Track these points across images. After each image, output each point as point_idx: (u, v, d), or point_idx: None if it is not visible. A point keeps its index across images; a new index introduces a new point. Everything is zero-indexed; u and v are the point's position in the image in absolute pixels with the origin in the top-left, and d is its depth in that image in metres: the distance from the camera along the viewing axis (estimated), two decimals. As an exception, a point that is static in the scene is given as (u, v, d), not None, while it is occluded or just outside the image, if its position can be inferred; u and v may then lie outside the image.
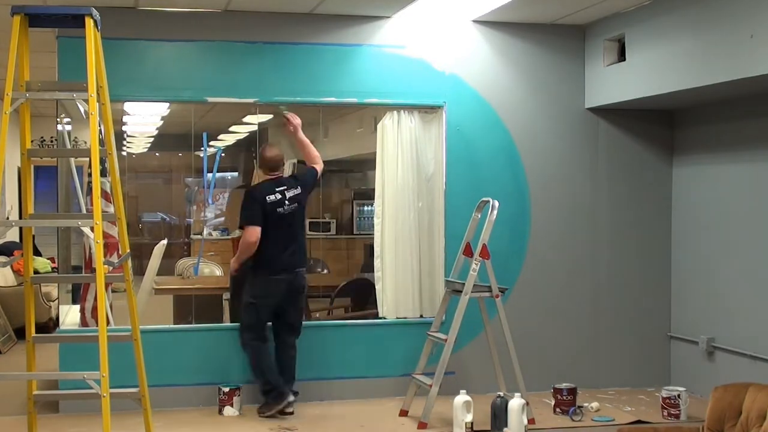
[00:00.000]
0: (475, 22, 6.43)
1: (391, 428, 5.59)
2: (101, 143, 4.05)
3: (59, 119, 6.25)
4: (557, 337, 6.63)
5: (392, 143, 6.44)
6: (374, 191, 6.53)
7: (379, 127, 6.51)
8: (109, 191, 5.64)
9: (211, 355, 6.04)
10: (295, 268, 5.88)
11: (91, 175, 5.43)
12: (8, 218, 9.86)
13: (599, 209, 6.71)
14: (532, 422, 5.55)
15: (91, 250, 5.95)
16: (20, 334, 7.66)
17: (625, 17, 6.12)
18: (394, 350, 6.37)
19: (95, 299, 5.62)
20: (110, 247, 5.88)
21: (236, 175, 10.81)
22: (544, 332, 6.59)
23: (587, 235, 6.69)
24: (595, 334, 6.71)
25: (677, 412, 5.73)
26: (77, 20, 4.02)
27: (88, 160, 4.50)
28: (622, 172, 6.73)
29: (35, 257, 9.16)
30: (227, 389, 5.88)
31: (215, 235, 10.10)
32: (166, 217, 10.69)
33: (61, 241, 6.64)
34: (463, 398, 5.36)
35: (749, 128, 5.97)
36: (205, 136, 8.91)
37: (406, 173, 6.45)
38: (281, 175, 5.96)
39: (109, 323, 5.67)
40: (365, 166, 9.46)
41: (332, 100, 6.28)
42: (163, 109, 8.15)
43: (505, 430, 5.31)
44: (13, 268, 8.87)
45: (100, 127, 4.01)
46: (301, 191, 5.93)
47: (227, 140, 9.79)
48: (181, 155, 10.32)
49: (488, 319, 5.80)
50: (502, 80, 6.52)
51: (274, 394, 5.78)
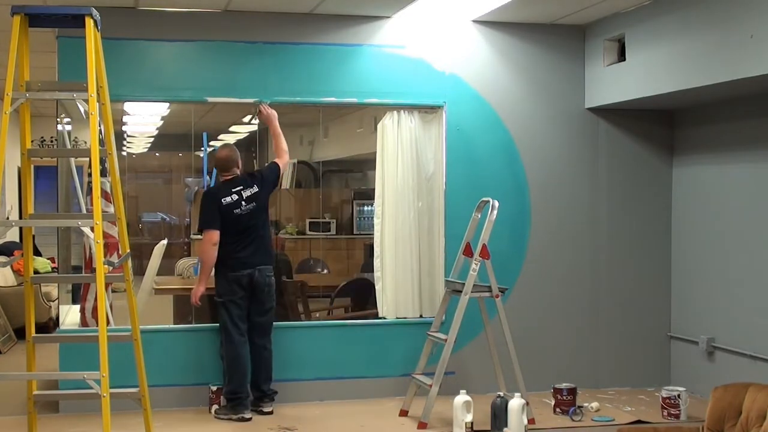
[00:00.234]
0: (475, 22, 6.43)
1: (391, 428, 5.59)
2: (101, 143, 4.06)
3: (59, 119, 6.25)
4: (557, 337, 6.63)
5: (392, 143, 6.44)
6: (374, 191, 6.53)
7: (379, 127, 6.51)
8: (109, 191, 5.64)
9: (211, 355, 6.02)
10: (256, 265, 5.80)
11: (91, 175, 5.43)
12: (8, 218, 9.86)
13: (599, 209, 6.70)
14: (532, 422, 5.55)
15: (91, 250, 5.94)
16: (20, 334, 7.66)
17: (625, 17, 6.12)
18: (394, 350, 6.37)
19: (95, 299, 5.62)
20: (110, 247, 5.88)
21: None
22: (544, 332, 6.59)
23: (587, 235, 6.69)
24: (595, 334, 6.71)
25: (677, 412, 5.73)
26: (77, 20, 4.03)
27: (88, 160, 4.51)
28: (622, 172, 6.73)
29: (35, 257, 9.15)
30: (215, 388, 5.88)
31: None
32: (166, 217, 10.68)
33: (61, 241, 6.63)
34: (463, 398, 5.35)
35: (749, 128, 5.97)
36: (205, 136, 8.92)
37: (406, 173, 6.45)
38: (236, 175, 5.89)
39: (109, 323, 5.66)
40: (365, 166, 9.45)
41: (332, 100, 6.28)
42: (163, 109, 8.16)
43: (505, 430, 5.31)
44: (13, 268, 8.86)
45: (100, 127, 4.01)
46: (259, 189, 5.85)
47: (227, 140, 9.78)
48: (181, 155, 10.32)
49: (488, 319, 5.80)
50: (502, 80, 6.52)
51: (234, 402, 5.75)
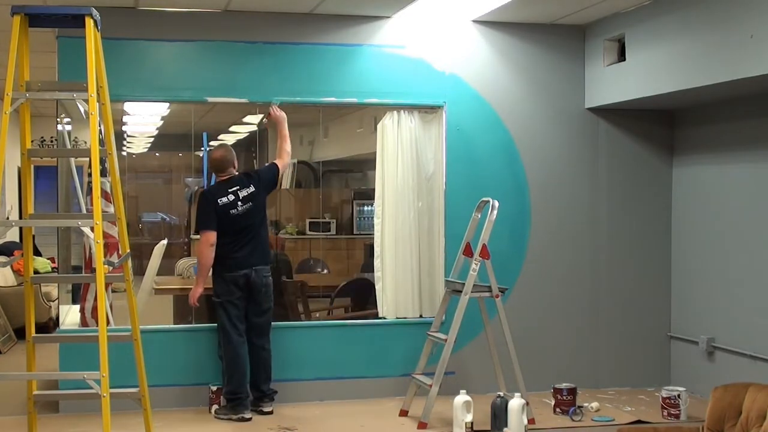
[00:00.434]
0: (475, 22, 6.43)
1: (391, 428, 5.59)
2: (101, 143, 4.05)
3: (59, 119, 6.24)
4: (557, 337, 6.63)
5: (392, 143, 6.44)
6: (374, 191, 6.53)
7: (379, 127, 6.51)
8: (109, 191, 5.64)
9: (211, 355, 6.02)
10: (253, 265, 5.79)
11: (91, 175, 5.43)
12: (8, 218, 9.86)
13: (599, 209, 6.70)
14: (532, 422, 5.55)
15: (91, 250, 5.94)
16: (20, 334, 7.66)
17: (625, 17, 6.12)
18: (394, 350, 6.37)
19: (95, 299, 5.62)
20: (110, 247, 5.88)
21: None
22: (544, 332, 6.59)
23: (587, 235, 6.69)
24: (595, 334, 6.71)
25: (677, 412, 5.73)
26: (77, 20, 4.03)
27: (88, 160, 4.51)
28: (622, 172, 6.73)
29: (35, 257, 9.15)
30: (215, 388, 5.88)
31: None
32: (166, 217, 10.68)
33: (61, 241, 6.63)
34: (463, 398, 5.35)
35: (749, 128, 5.97)
36: (205, 136, 8.92)
37: (406, 173, 6.45)
38: (232, 175, 5.88)
39: (109, 323, 5.66)
40: (365, 166, 9.44)
41: (332, 100, 6.28)
42: (163, 109, 8.15)
43: (505, 430, 5.31)
44: (13, 268, 8.86)
45: (100, 127, 4.01)
46: (255, 189, 5.84)
47: (227, 140, 9.78)
48: (181, 155, 10.31)
49: (488, 319, 5.79)
50: (502, 80, 6.52)
51: (234, 402, 5.75)
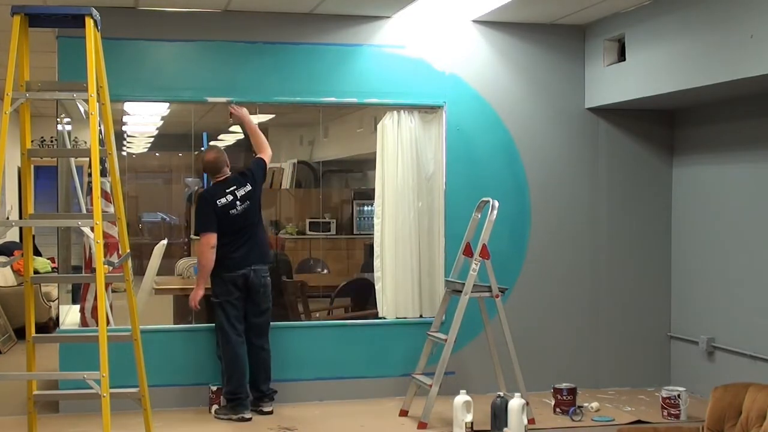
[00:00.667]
0: (475, 22, 6.43)
1: (391, 428, 5.59)
2: (101, 143, 4.05)
3: (59, 119, 6.25)
4: (557, 337, 6.63)
5: (392, 143, 6.44)
6: (374, 191, 6.53)
7: (379, 127, 6.51)
8: (109, 191, 5.64)
9: (211, 355, 6.02)
10: (251, 265, 5.79)
11: (91, 175, 5.43)
12: (8, 218, 9.86)
13: (599, 209, 6.70)
14: (532, 422, 5.55)
15: (91, 250, 5.94)
16: (20, 334, 7.66)
17: (625, 17, 6.12)
18: (394, 350, 6.37)
19: (95, 299, 5.62)
20: (110, 247, 5.88)
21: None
22: (544, 332, 6.59)
23: (587, 235, 6.69)
24: (595, 334, 6.71)
25: (677, 412, 5.73)
26: (77, 20, 4.03)
27: (88, 160, 4.51)
28: (622, 172, 6.73)
29: (35, 257, 9.15)
30: (215, 388, 5.88)
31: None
32: (166, 217, 10.68)
33: (61, 241, 6.63)
34: (463, 398, 5.35)
35: (749, 128, 5.97)
36: (205, 136, 8.92)
37: (406, 173, 6.45)
38: (228, 175, 5.89)
39: (109, 323, 5.66)
40: (365, 166, 9.44)
41: (332, 100, 6.28)
42: (163, 109, 8.15)
43: (505, 430, 5.31)
44: (13, 268, 8.86)
45: (100, 127, 4.01)
46: (251, 188, 5.87)
47: (227, 140, 9.78)
48: (181, 155, 10.31)
49: (488, 319, 5.79)
50: (502, 80, 6.52)
51: (234, 402, 5.75)
